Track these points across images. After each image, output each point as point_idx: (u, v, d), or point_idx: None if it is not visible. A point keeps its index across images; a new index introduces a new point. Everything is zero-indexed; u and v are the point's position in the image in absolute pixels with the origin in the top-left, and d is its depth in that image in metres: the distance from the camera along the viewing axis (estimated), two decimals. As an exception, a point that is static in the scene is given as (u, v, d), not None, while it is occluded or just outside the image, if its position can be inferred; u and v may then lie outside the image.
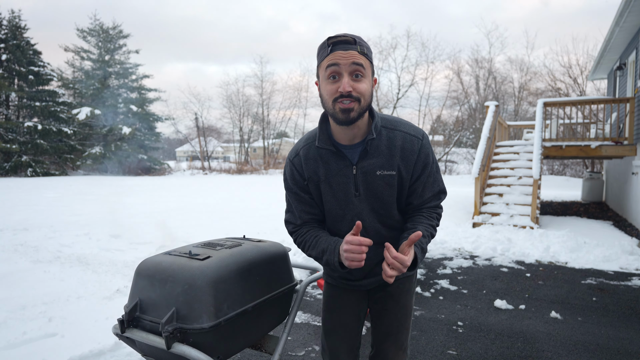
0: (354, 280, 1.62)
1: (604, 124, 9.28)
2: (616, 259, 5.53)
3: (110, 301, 3.64)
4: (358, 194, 1.46)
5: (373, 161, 1.42)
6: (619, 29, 8.90)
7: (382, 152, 1.43)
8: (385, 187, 1.45)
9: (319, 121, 1.50)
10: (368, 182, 1.44)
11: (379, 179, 1.43)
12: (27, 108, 25.01)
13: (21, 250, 5.51)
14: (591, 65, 17.67)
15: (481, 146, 8.72)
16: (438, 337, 3.18)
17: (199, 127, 35.04)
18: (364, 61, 1.32)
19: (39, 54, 25.44)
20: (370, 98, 1.35)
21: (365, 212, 1.48)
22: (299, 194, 1.54)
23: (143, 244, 6.04)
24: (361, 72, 1.31)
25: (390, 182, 1.44)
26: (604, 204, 11.57)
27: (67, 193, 13.55)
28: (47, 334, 2.93)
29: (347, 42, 1.32)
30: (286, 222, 1.62)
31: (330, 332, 1.68)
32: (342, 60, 1.30)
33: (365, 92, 1.32)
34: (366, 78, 1.33)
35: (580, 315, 3.65)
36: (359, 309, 1.67)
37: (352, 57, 1.30)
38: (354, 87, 1.30)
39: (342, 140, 1.45)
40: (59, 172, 24.61)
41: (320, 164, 1.48)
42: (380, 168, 1.42)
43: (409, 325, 1.68)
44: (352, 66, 1.30)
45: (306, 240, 1.52)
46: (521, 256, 5.84)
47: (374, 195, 1.46)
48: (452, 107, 30.52)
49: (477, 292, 4.28)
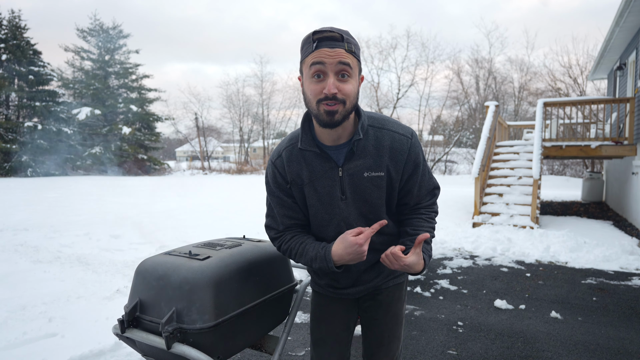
0: (341, 289, 1.55)
1: (604, 124, 9.29)
2: (616, 259, 5.53)
3: (110, 301, 3.64)
4: (345, 197, 1.39)
5: (360, 162, 1.35)
6: (619, 29, 8.90)
7: (369, 153, 1.36)
8: (373, 190, 1.38)
9: (301, 121, 1.42)
10: (355, 185, 1.37)
11: (367, 180, 1.37)
12: (27, 108, 25.00)
13: (21, 250, 5.51)
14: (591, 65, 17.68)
15: (481, 146, 8.72)
16: (438, 337, 3.18)
17: (199, 127, 35.06)
18: (351, 60, 1.24)
19: (39, 54, 25.43)
20: (355, 99, 1.29)
21: (352, 217, 1.41)
22: (281, 197, 1.45)
23: (143, 244, 6.04)
24: (348, 72, 1.24)
25: (378, 184, 1.38)
26: (604, 204, 11.57)
27: (67, 193, 13.55)
28: (48, 334, 2.93)
29: (334, 38, 1.23)
30: (267, 227, 1.53)
31: (319, 343, 1.60)
32: (328, 59, 1.21)
33: (350, 94, 1.25)
34: (353, 78, 1.26)
35: (580, 315, 3.65)
36: (349, 318, 1.60)
37: (339, 56, 1.21)
38: (340, 89, 1.23)
39: (326, 141, 1.37)
40: (59, 172, 24.60)
41: (303, 166, 1.40)
42: (368, 169, 1.36)
43: (400, 334, 1.62)
44: (338, 66, 1.22)
45: (291, 248, 1.45)
46: (521, 256, 5.84)
47: (361, 198, 1.39)
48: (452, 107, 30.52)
49: (477, 292, 4.28)
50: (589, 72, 13.89)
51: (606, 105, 10.36)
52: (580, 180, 18.97)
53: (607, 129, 10.79)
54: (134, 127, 28.01)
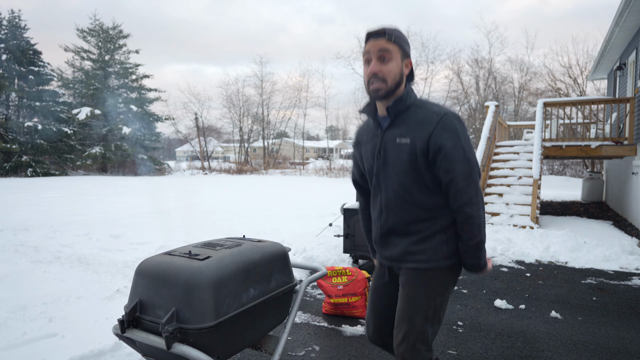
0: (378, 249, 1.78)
1: (604, 124, 9.28)
2: (616, 259, 5.53)
3: (110, 301, 3.64)
4: (380, 156, 1.64)
5: (395, 130, 1.60)
6: (619, 29, 8.89)
7: (404, 123, 1.59)
8: (400, 154, 1.57)
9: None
10: (388, 148, 1.61)
11: (397, 147, 1.58)
12: (27, 108, 25.00)
13: (21, 250, 5.52)
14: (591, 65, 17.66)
15: (481, 146, 8.72)
16: (438, 337, 3.18)
17: (199, 127, 35.06)
18: (391, 46, 1.54)
19: (39, 54, 25.44)
20: (398, 77, 1.56)
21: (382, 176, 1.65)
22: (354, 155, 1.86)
23: (143, 244, 6.04)
24: (387, 56, 1.54)
25: (404, 150, 1.56)
26: (604, 204, 11.57)
27: (67, 193, 13.55)
28: (48, 334, 2.93)
29: (377, 34, 1.55)
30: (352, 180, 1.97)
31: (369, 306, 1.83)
32: (372, 48, 1.55)
33: (390, 73, 1.54)
34: (393, 61, 1.55)
35: (580, 315, 3.65)
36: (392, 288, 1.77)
37: (379, 45, 1.54)
38: (380, 69, 1.54)
39: (380, 111, 1.66)
40: (59, 172, 24.60)
41: (365, 130, 1.77)
42: (400, 136, 1.58)
43: (415, 320, 1.57)
44: (379, 52, 1.54)
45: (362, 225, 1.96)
46: (521, 256, 5.84)
47: (391, 160, 1.60)
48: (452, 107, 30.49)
49: (477, 292, 4.28)
50: (589, 72, 13.88)
51: (606, 105, 10.35)
52: (580, 180, 18.96)
53: (607, 129, 10.80)
54: (134, 127, 28.00)
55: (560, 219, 8.76)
